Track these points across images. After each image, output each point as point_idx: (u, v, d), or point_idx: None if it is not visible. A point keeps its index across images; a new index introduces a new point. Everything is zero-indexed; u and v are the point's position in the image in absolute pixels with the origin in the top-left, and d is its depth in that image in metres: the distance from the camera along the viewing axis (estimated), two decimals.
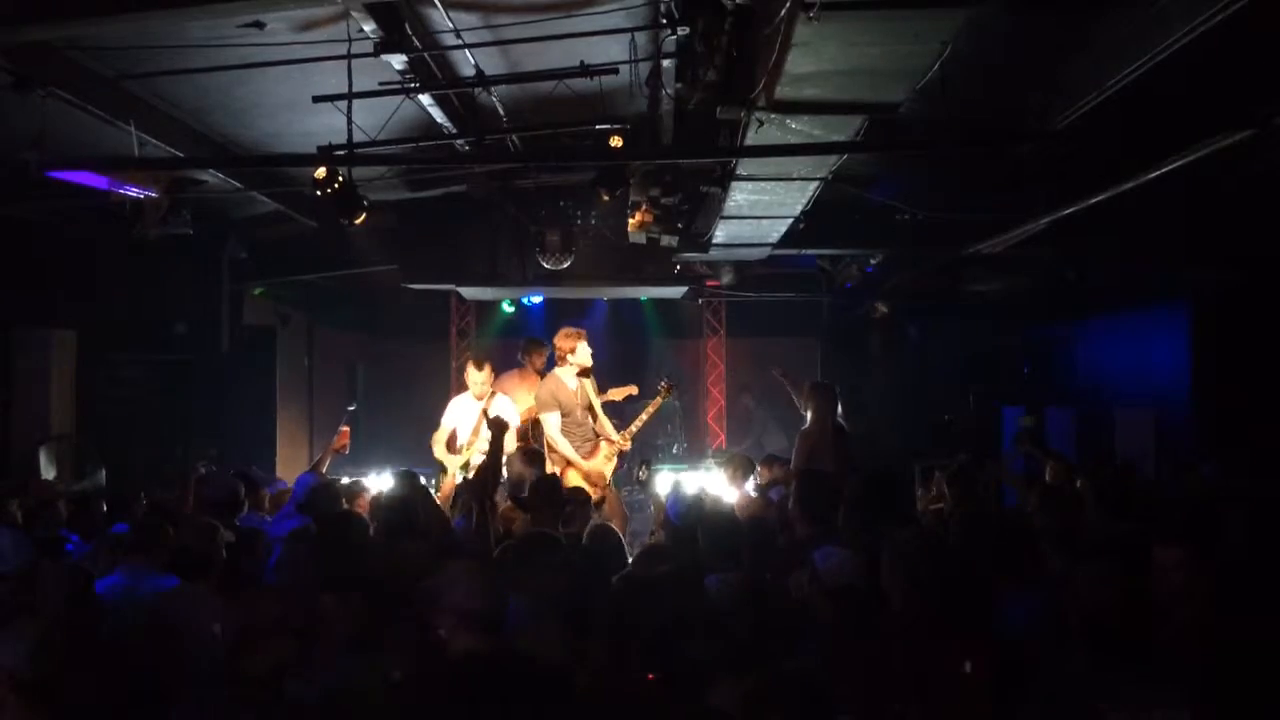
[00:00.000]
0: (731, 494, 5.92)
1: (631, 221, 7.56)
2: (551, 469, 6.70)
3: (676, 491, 5.09)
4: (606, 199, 6.61)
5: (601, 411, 7.13)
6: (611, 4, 4.82)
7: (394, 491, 5.25)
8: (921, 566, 2.92)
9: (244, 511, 5.33)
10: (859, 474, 4.80)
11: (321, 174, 5.70)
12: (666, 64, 5.41)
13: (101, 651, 3.10)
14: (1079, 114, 5.36)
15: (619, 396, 7.85)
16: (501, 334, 11.66)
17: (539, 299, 11.01)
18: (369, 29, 4.71)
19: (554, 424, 6.84)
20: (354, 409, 8.67)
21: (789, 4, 3.58)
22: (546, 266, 8.61)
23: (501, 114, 6.26)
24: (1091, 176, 5.90)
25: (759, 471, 6.42)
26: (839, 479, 4.90)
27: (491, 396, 7.01)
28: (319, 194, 5.77)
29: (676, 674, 2.73)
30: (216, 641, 3.30)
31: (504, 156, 7.44)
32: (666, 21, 4.90)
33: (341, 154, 5.63)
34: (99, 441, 8.18)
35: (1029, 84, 5.58)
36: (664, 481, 7.10)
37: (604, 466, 6.96)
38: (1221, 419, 7.72)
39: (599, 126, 5.95)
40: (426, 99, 5.66)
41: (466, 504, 5.09)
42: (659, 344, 12.34)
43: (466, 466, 6.90)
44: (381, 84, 5.37)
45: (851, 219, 7.97)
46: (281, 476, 8.75)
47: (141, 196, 6.72)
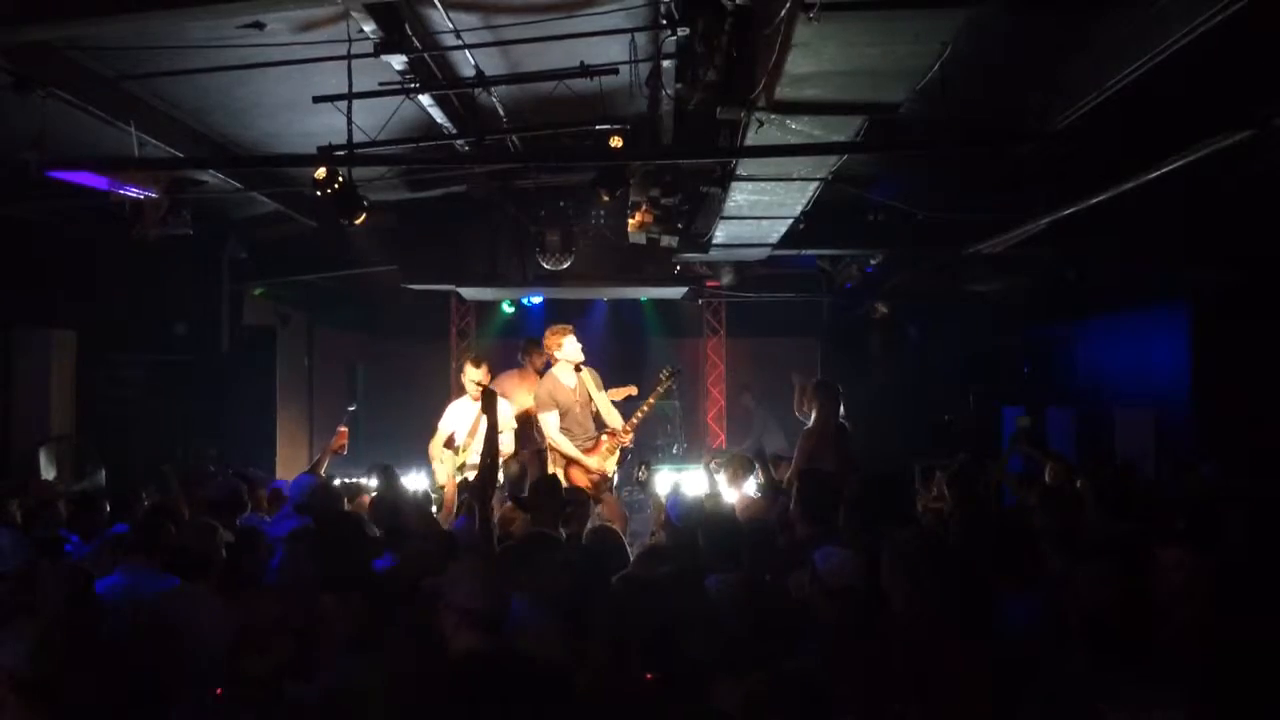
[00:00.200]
0: (731, 494, 5.92)
1: (631, 222, 7.55)
2: (554, 469, 6.71)
3: (676, 491, 5.09)
4: (606, 199, 6.60)
5: (609, 404, 7.05)
6: (611, 4, 4.82)
7: (378, 490, 5.26)
8: (921, 566, 2.92)
9: (246, 511, 5.33)
10: (859, 474, 4.81)
11: (321, 174, 5.71)
12: (666, 64, 5.41)
13: (101, 651, 3.10)
14: (1079, 114, 5.37)
15: (618, 397, 7.84)
16: (501, 334, 11.65)
17: (539, 299, 11.01)
18: (369, 29, 4.71)
19: (552, 423, 6.82)
20: (354, 409, 8.66)
21: (789, 4, 3.58)
22: (546, 266, 8.60)
23: (501, 114, 6.26)
24: (1091, 176, 5.90)
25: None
26: (840, 479, 4.90)
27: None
28: (319, 194, 5.78)
29: (676, 674, 2.73)
30: (216, 641, 3.29)
31: (504, 156, 7.44)
32: (666, 22, 4.90)
33: (341, 154, 5.64)
34: (99, 441, 8.18)
35: (1029, 84, 5.59)
36: (664, 481, 7.08)
37: (606, 461, 6.93)
38: (1221, 419, 7.72)
39: (599, 126, 5.95)
40: (426, 99, 5.66)
41: (467, 504, 5.09)
42: (659, 344, 12.32)
43: (464, 468, 6.89)
44: (381, 84, 5.37)
45: (851, 219, 7.97)
46: (281, 476, 8.75)
47: (141, 196, 6.72)
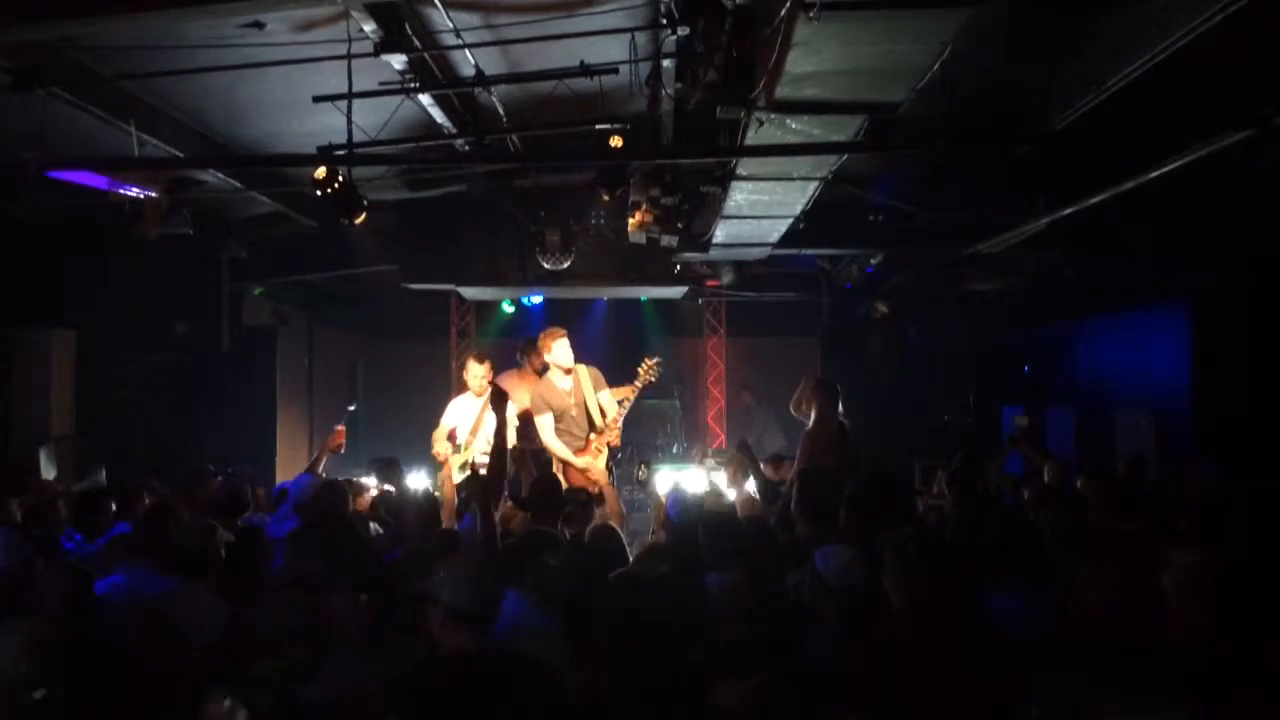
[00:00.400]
0: (731, 493, 5.92)
1: (631, 221, 7.54)
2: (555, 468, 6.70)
3: (676, 491, 5.09)
4: (606, 199, 6.60)
5: (608, 405, 7.01)
6: (611, 4, 4.82)
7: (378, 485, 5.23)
8: (921, 566, 2.92)
9: (248, 511, 5.33)
10: (859, 474, 4.80)
11: (321, 174, 5.70)
12: (666, 64, 5.41)
13: (101, 651, 3.10)
14: (1079, 114, 5.37)
15: (621, 397, 7.83)
16: (501, 334, 11.63)
17: (539, 299, 11.00)
18: (369, 29, 4.71)
19: (546, 426, 6.83)
20: (354, 409, 8.67)
21: (789, 4, 3.58)
22: (546, 266, 8.59)
23: (501, 114, 6.26)
24: (1091, 176, 5.90)
25: (765, 468, 6.41)
26: (840, 476, 4.90)
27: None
28: (319, 194, 5.77)
29: (676, 674, 2.73)
30: (216, 641, 3.29)
31: (504, 156, 7.44)
32: (666, 21, 4.89)
33: (341, 154, 5.64)
34: (99, 441, 8.18)
35: (1029, 84, 5.58)
36: (664, 481, 7.08)
37: (596, 460, 6.92)
38: (1221, 419, 7.73)
39: (599, 126, 5.94)
40: (426, 99, 5.66)
41: (469, 503, 5.08)
42: (659, 344, 12.30)
43: (466, 465, 6.90)
44: (381, 84, 5.37)
45: (851, 219, 7.97)
46: (281, 476, 8.74)
47: (141, 196, 6.73)
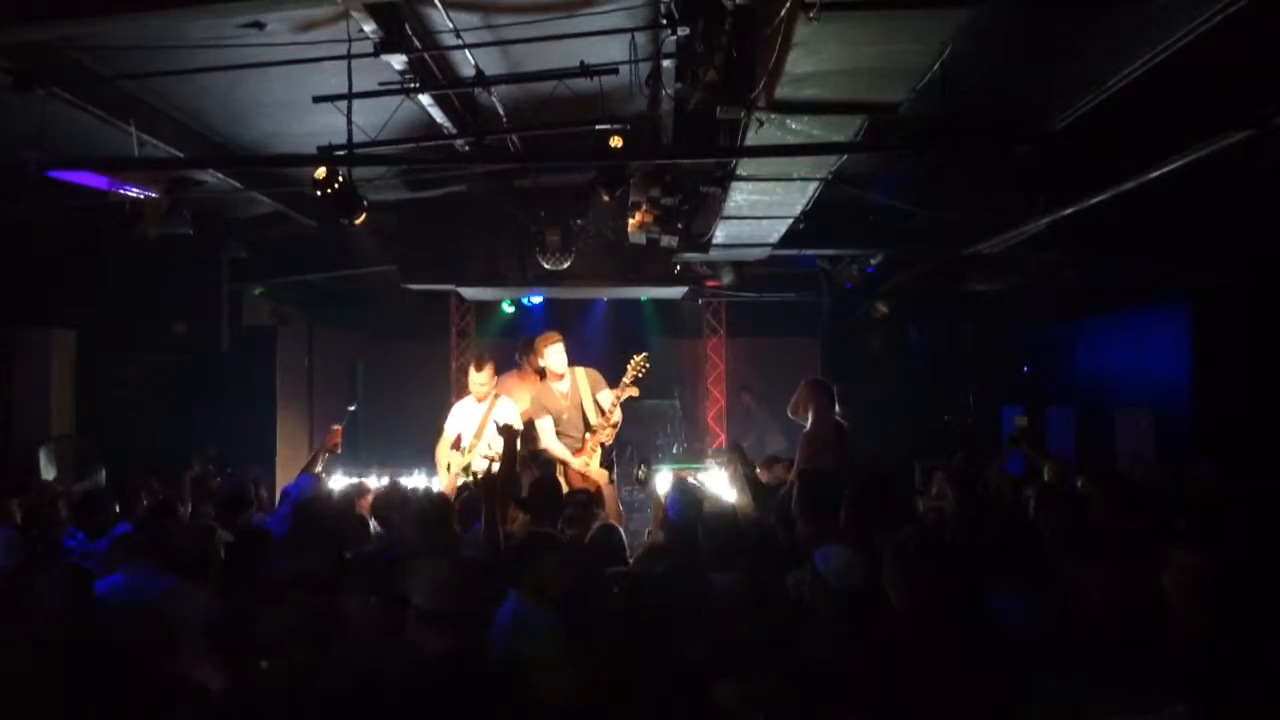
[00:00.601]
0: (731, 493, 5.92)
1: (631, 221, 7.54)
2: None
3: (676, 491, 5.08)
4: (606, 199, 6.60)
5: (607, 405, 7.01)
6: (611, 4, 4.82)
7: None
8: (921, 566, 2.92)
9: (251, 510, 5.33)
10: (859, 474, 4.79)
11: (321, 174, 5.70)
12: (666, 64, 5.41)
13: (101, 651, 3.10)
14: (1078, 114, 5.37)
15: (623, 397, 7.82)
16: (501, 334, 11.63)
17: (539, 299, 10.99)
18: (369, 29, 4.71)
19: (546, 428, 6.87)
20: (354, 409, 8.66)
21: (789, 4, 3.58)
22: (546, 266, 8.59)
23: (501, 114, 6.26)
24: (1091, 176, 5.90)
25: (759, 472, 6.40)
26: (840, 478, 4.89)
27: (495, 399, 6.98)
28: (319, 194, 5.77)
29: (676, 674, 2.73)
30: (215, 641, 3.29)
31: (504, 156, 7.43)
32: (666, 22, 4.89)
33: (341, 154, 5.64)
34: (99, 441, 8.18)
35: (1029, 84, 5.58)
36: (664, 481, 7.08)
37: (591, 460, 6.94)
38: (1221, 419, 7.73)
39: (599, 126, 5.94)
40: (426, 99, 5.66)
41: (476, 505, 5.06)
42: (659, 344, 12.29)
43: (469, 469, 6.88)
44: (381, 84, 5.37)
45: (851, 219, 7.96)
46: (281, 477, 8.74)
47: (141, 196, 6.73)
